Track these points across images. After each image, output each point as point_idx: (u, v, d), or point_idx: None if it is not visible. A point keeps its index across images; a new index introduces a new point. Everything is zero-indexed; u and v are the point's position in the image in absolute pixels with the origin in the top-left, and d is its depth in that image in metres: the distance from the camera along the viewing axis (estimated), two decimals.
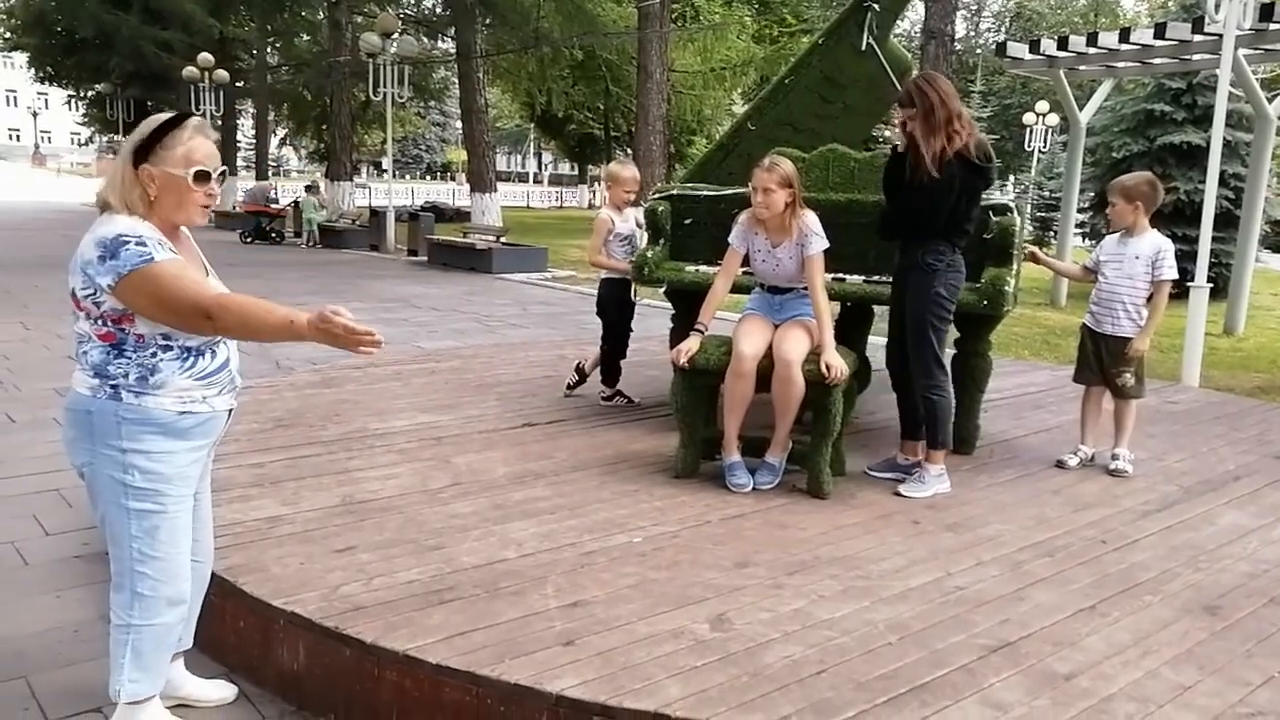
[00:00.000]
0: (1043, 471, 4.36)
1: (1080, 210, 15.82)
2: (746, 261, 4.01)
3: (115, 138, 35.66)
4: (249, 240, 19.05)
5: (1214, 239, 14.13)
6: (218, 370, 2.31)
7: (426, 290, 12.46)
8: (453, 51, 23.27)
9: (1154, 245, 4.27)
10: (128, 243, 2.12)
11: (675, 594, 2.87)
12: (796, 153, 4.67)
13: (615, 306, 5.34)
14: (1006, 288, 4.16)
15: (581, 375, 5.50)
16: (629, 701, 2.27)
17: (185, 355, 2.24)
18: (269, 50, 31.02)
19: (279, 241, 19.29)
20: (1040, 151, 28.97)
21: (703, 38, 22.54)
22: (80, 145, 46.17)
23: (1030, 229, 24.97)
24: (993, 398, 5.67)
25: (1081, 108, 13.33)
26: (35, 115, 59.64)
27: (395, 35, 18.56)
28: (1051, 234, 19.32)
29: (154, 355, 2.20)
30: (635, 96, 17.51)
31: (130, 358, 2.19)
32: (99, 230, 2.17)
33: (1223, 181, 14.89)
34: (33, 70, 33.37)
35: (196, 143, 2.22)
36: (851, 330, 5.04)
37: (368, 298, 11.46)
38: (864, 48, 4.81)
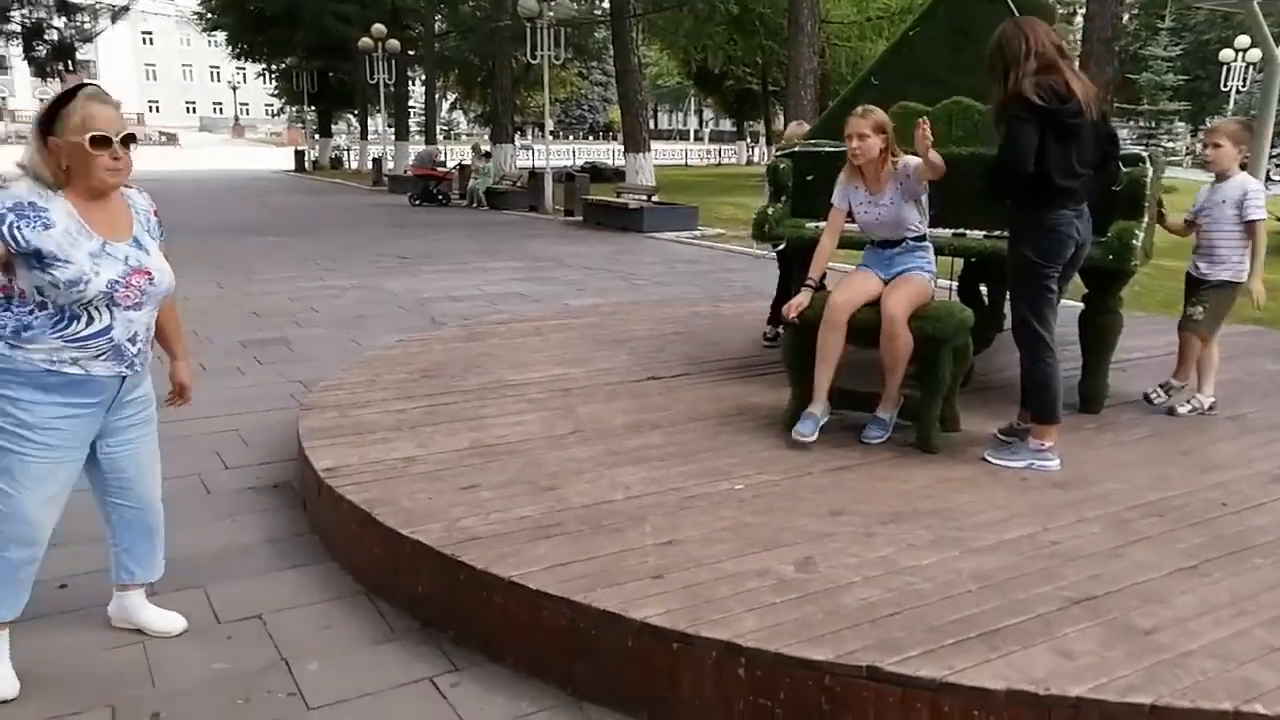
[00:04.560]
0: (1175, 431, 4.21)
1: (1274, 157, 14.51)
2: (853, 218, 4.04)
3: (303, 108, 38.19)
4: (417, 203, 20.08)
5: None
6: (93, 336, 2.44)
7: (578, 249, 12.86)
8: (609, 11, 23.50)
9: (1240, 187, 4.29)
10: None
11: (767, 537, 3.02)
12: (919, 106, 4.62)
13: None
14: (1134, 241, 4.01)
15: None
16: (705, 631, 2.45)
17: (58, 316, 2.41)
18: (437, 18, 32.26)
19: (445, 203, 20.25)
20: (1238, 91, 26.57)
21: None
22: (273, 116, 49.54)
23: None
24: (1138, 356, 5.47)
25: None
26: (235, 89, 64.30)
27: None
28: None
29: (30, 313, 2.40)
30: (786, 50, 17.23)
31: (12, 312, 2.41)
32: None
33: None
34: (230, 47, 36.04)
35: (93, 109, 2.35)
36: (974, 286, 4.96)
37: (522, 257, 11.96)
38: None
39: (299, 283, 9.67)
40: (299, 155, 35.55)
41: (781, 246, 5.58)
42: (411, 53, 31.11)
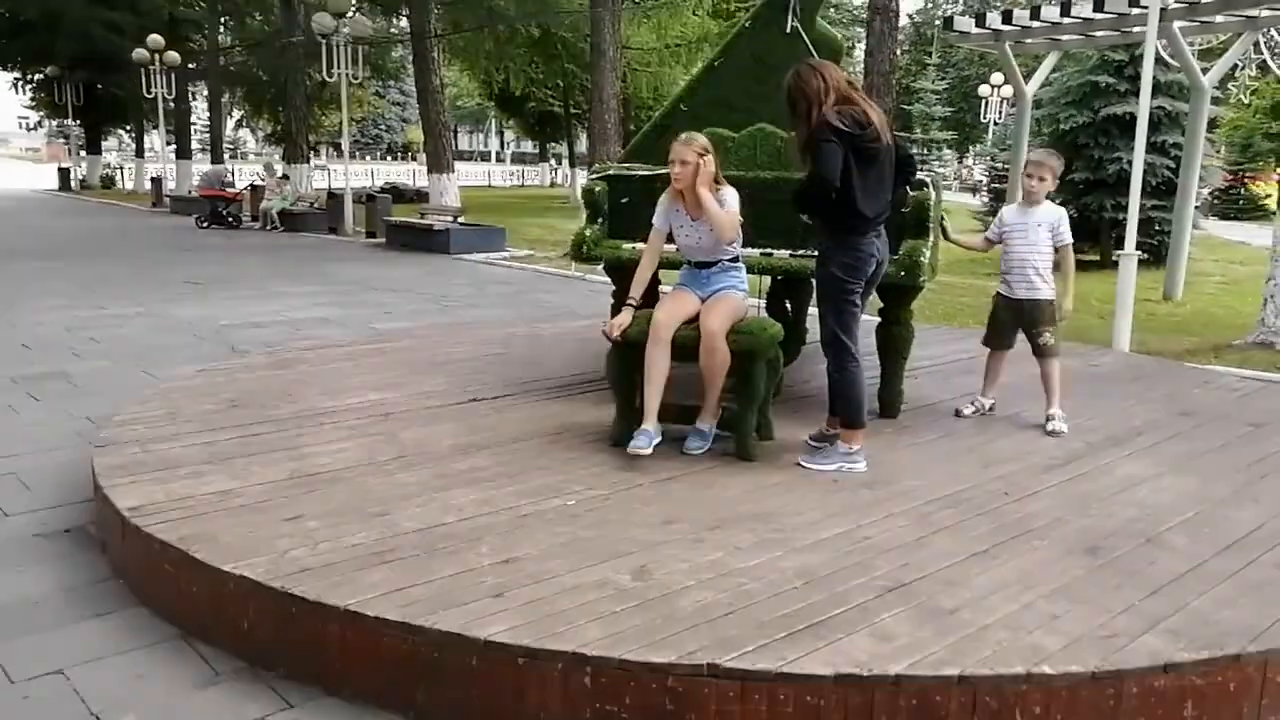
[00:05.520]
0: (962, 432, 4.62)
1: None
2: (673, 240, 4.20)
3: (65, 122, 35.09)
4: (205, 225, 18.92)
5: (1156, 208, 14.67)
6: None
7: (384, 272, 12.55)
8: (408, 30, 23.12)
9: (1054, 214, 4.67)
10: None
11: (603, 549, 3.09)
12: (725, 132, 4.89)
13: None
14: (923, 259, 4.39)
15: None
16: (550, 643, 2.48)
17: None
18: (221, 31, 30.62)
19: (236, 226, 19.18)
20: (995, 123, 29.41)
21: (657, 14, 22.58)
22: (29, 130, 45.24)
23: (985, 200, 25.40)
24: (924, 364, 5.95)
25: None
26: None
27: (348, 15, 18.47)
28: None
29: None
30: (589, 75, 17.56)
31: None
32: None
33: (1164, 151, 15.34)
34: None
35: None
36: (782, 302, 5.27)
37: (325, 281, 11.53)
38: (789, 30, 5.00)
39: (74, 311, 8.90)
40: (63, 173, 32.68)
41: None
42: (192, 66, 29.34)
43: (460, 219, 16.00)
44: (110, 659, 2.84)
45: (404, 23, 26.59)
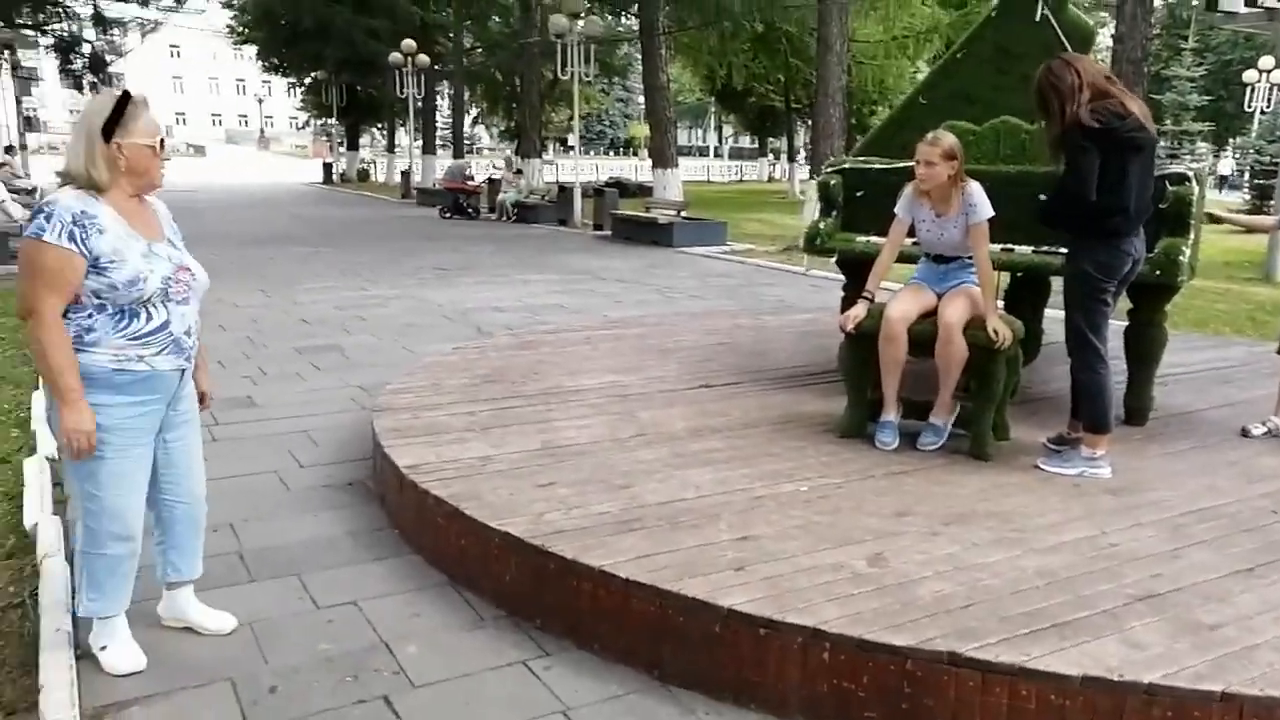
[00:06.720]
0: (1221, 444, 4.32)
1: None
2: (913, 232, 4.19)
3: (329, 121, 38.70)
4: (448, 216, 20.36)
5: None
6: (154, 331, 2.55)
7: (611, 263, 13.05)
8: (636, 28, 23.81)
9: None
10: (41, 212, 2.44)
11: (837, 535, 3.17)
12: (967, 125, 4.79)
13: None
14: (1181, 257, 4.14)
15: None
16: (791, 618, 2.60)
17: (119, 316, 2.50)
18: (465, 34, 32.70)
19: (475, 217, 20.51)
20: (1262, 112, 26.55)
21: (885, 6, 22.02)
22: (298, 129, 50.20)
23: (1246, 198, 23.03)
24: (1177, 372, 5.57)
25: None
26: (260, 102, 65.18)
27: (582, 15, 19.24)
28: (1268, 204, 17.75)
29: (89, 316, 2.49)
30: (815, 69, 17.42)
31: (71, 318, 2.47)
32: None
33: None
34: (260, 61, 36.61)
35: (148, 114, 2.50)
36: (1022, 300, 5.10)
37: (557, 270, 12.15)
38: (1038, 18, 4.83)
39: (342, 292, 9.89)
40: (327, 168, 36.03)
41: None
42: (439, 67, 31.52)
43: (683, 213, 16.35)
44: (391, 597, 3.22)
45: (630, 21, 27.40)
